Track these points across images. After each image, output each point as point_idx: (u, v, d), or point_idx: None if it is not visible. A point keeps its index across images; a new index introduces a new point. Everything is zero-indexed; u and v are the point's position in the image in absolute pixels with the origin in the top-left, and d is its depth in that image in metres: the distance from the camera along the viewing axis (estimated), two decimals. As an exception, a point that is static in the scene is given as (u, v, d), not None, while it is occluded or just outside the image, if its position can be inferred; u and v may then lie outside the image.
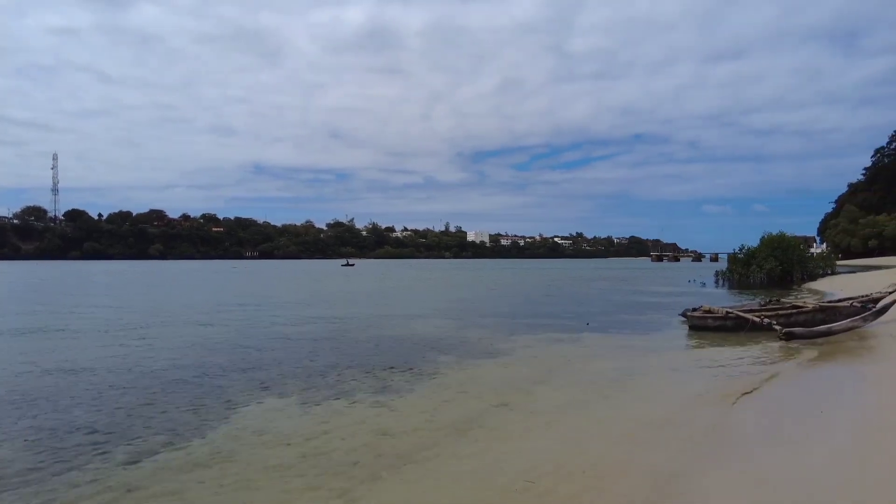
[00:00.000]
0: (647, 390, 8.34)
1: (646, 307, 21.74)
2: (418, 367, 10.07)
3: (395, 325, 16.19)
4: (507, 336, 13.89)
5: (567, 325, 16.21)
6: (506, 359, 10.98)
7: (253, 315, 18.97)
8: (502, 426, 6.63)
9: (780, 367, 9.93)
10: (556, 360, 10.75)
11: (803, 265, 35.61)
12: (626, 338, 13.69)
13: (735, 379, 8.93)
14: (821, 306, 14.61)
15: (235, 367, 10.11)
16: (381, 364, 10.36)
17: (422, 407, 7.49)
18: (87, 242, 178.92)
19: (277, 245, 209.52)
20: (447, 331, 14.89)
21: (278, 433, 6.41)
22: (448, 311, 20.42)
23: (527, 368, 9.98)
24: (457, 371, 9.81)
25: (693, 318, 14.76)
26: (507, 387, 8.60)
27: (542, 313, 19.53)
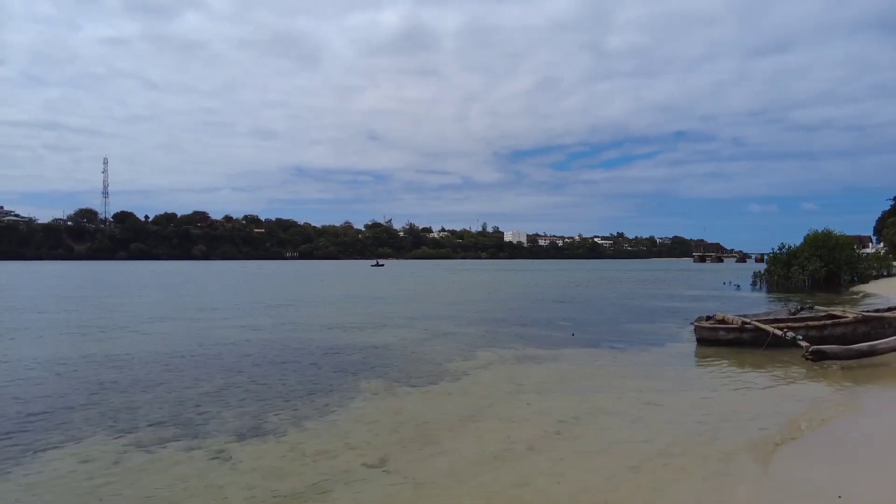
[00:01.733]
0: (606, 443, 6.13)
1: (661, 314, 19.19)
2: (323, 397, 8.09)
3: (355, 334, 14.28)
4: (473, 351, 11.78)
5: (554, 336, 13.96)
6: (446, 385, 8.89)
7: (193, 321, 17.38)
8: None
9: (799, 408, 7.54)
10: (506, 388, 8.59)
11: (853, 266, 31.89)
12: (614, 355, 11.39)
13: (739, 430, 6.56)
14: (864, 316, 11.91)
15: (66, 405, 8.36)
16: (283, 391, 8.43)
17: (268, 463, 5.55)
18: (134, 243, 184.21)
19: (317, 246, 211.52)
20: (409, 343, 12.88)
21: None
22: (434, 317, 18.39)
23: (460, 402, 7.86)
24: (367, 403, 7.79)
25: (702, 330, 12.30)
26: (412, 432, 6.54)
27: (538, 320, 17.29)
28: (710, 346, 11.99)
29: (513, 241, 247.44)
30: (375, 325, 16.03)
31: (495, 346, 12.41)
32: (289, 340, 13.21)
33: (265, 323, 16.65)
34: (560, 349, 12.00)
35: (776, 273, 32.30)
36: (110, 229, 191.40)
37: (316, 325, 16.04)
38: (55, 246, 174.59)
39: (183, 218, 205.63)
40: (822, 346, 9.70)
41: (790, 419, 6.83)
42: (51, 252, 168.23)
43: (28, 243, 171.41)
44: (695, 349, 12.01)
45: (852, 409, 7.44)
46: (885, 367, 9.55)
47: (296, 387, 8.65)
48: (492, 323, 16.61)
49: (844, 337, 11.58)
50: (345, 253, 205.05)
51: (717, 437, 6.11)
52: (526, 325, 16.21)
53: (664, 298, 26.37)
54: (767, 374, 9.48)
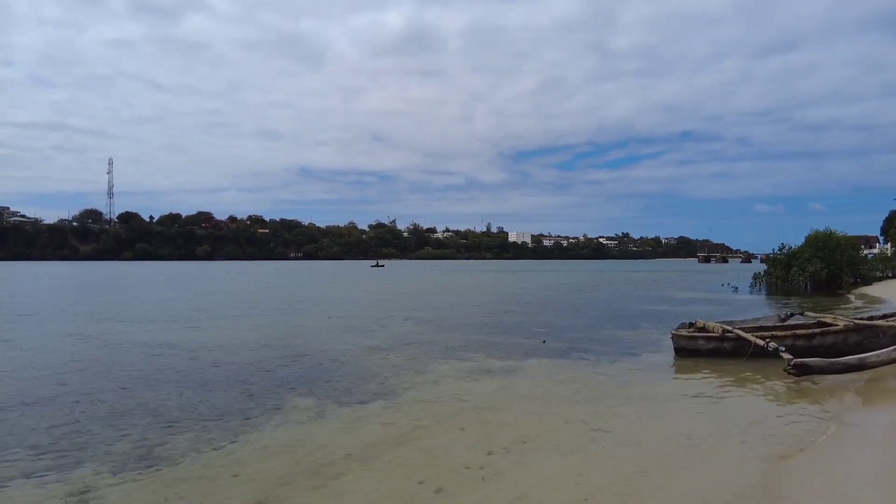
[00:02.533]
0: (529, 486, 5.22)
1: (647, 318, 18.20)
2: (236, 420, 7.20)
3: (307, 343, 13.36)
4: (429, 363, 10.86)
5: (524, 344, 13.01)
6: (381, 404, 7.98)
7: (126, 328, 16.56)
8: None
9: (772, 435, 6.60)
10: (446, 409, 7.66)
11: (855, 268, 30.70)
12: (581, 367, 10.44)
13: (694, 467, 5.66)
14: (856, 324, 10.89)
15: None
16: (196, 412, 7.55)
17: (134, 500, 4.70)
18: (138, 244, 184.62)
19: (321, 246, 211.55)
20: (363, 353, 11.98)
21: None
22: (406, 322, 17.49)
23: (387, 426, 6.94)
24: (281, 427, 6.89)
25: (679, 339, 11.33)
26: (312, 465, 5.65)
27: (515, 325, 16.36)
28: (688, 357, 11.04)
29: (517, 242, 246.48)
30: (336, 332, 15.15)
31: (456, 356, 11.50)
32: (229, 351, 12.32)
33: (211, 331, 15.74)
34: (525, 360, 11.08)
35: (775, 275, 31.17)
36: (115, 230, 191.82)
37: (268, 333, 15.10)
38: (60, 246, 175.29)
39: (187, 218, 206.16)
40: (805, 360, 8.73)
41: (760, 453, 5.89)
42: (56, 253, 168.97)
43: (34, 244, 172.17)
44: (672, 360, 11.06)
45: (835, 434, 6.49)
46: (875, 384, 8.58)
47: (213, 407, 7.77)
48: (464, 329, 15.69)
49: (834, 347, 10.62)
50: (349, 253, 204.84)
51: (667, 476, 5.19)
52: (500, 331, 15.28)
53: (655, 301, 25.34)
54: (745, 391, 8.53)
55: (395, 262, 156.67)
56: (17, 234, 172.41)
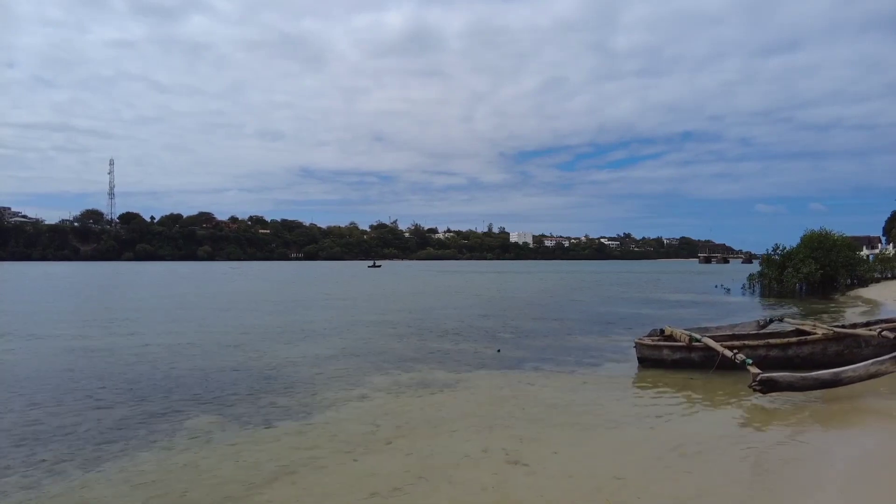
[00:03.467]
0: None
1: (625, 322, 17.19)
2: (128, 440, 6.28)
3: (244, 351, 12.39)
4: (367, 375, 9.89)
5: (479, 353, 12.03)
6: (290, 424, 7.04)
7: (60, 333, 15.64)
8: None
9: (724, 463, 5.64)
10: (353, 435, 6.71)
11: (851, 269, 29.55)
12: (531, 380, 9.45)
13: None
14: (835, 333, 9.88)
15: None
16: (86, 431, 6.63)
17: None
18: (139, 244, 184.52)
19: (322, 246, 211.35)
20: (300, 363, 11.04)
21: None
22: (365, 326, 16.53)
23: (281, 453, 6.02)
24: (171, 451, 5.95)
25: (643, 349, 10.35)
26: (175, 501, 4.76)
27: (479, 331, 15.38)
28: (653, 368, 10.07)
29: (518, 242, 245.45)
30: (288, 338, 14.20)
31: (401, 367, 10.54)
32: (151, 359, 11.38)
33: (150, 336, 14.80)
34: (473, 371, 10.12)
35: (768, 276, 30.07)
36: (116, 230, 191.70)
37: (211, 339, 14.11)
38: (61, 247, 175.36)
39: (188, 219, 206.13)
40: (773, 375, 7.73)
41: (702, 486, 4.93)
42: (57, 253, 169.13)
43: (35, 244, 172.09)
44: (634, 371, 10.09)
45: (796, 462, 5.54)
46: (848, 402, 7.58)
47: (89, 429, 6.83)
48: (427, 335, 14.73)
49: (812, 358, 9.64)
50: (350, 254, 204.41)
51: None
52: (464, 337, 14.29)
53: (641, 304, 24.30)
54: (704, 410, 7.56)
55: (394, 263, 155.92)
56: (18, 234, 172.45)
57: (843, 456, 5.87)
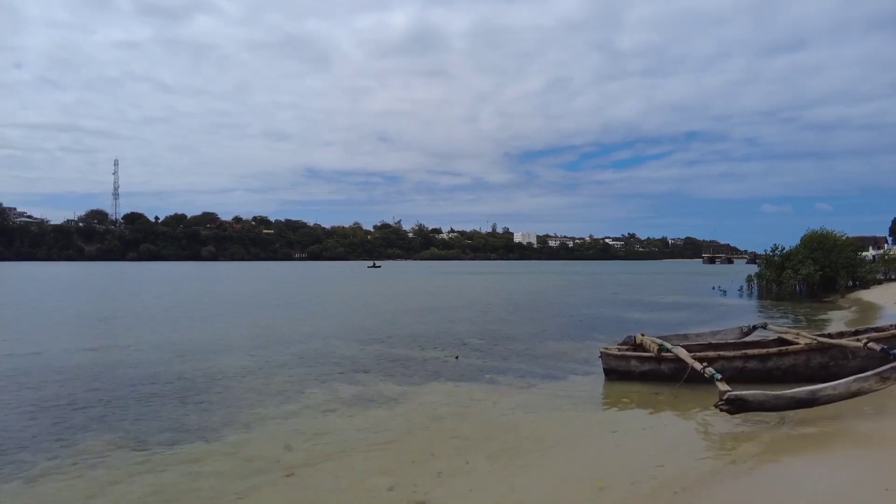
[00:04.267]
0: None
1: (607, 327, 16.27)
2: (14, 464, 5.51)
3: (193, 358, 11.63)
4: (310, 387, 9.08)
5: (435, 361, 11.15)
6: (187, 450, 6.24)
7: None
8: None
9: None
10: (258, 462, 5.92)
11: (852, 270, 28.46)
12: (481, 395, 8.60)
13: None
14: (820, 342, 8.95)
15: None
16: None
17: None
18: (143, 244, 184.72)
19: (325, 247, 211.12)
20: (246, 372, 10.23)
21: None
22: (335, 331, 15.71)
23: (164, 485, 5.25)
24: (41, 481, 5.18)
25: (609, 359, 9.46)
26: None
27: (447, 336, 14.51)
28: (620, 380, 9.20)
29: (522, 243, 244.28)
30: (241, 345, 13.39)
31: (349, 378, 9.71)
32: (85, 367, 10.62)
33: (98, 339, 14.06)
34: (421, 384, 9.27)
35: (766, 277, 29.02)
36: (120, 230, 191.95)
37: (159, 345, 13.25)
38: (66, 247, 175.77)
39: (193, 219, 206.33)
40: (742, 393, 6.83)
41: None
42: (62, 253, 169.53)
43: (39, 244, 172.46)
44: (600, 384, 9.22)
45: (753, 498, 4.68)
46: (828, 424, 6.67)
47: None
48: (390, 341, 13.88)
49: (794, 370, 8.75)
50: (353, 254, 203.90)
51: None
52: (428, 343, 13.43)
53: (631, 306, 23.33)
54: (662, 434, 6.70)
55: (396, 263, 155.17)
56: (23, 234, 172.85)
57: (809, 492, 5.00)
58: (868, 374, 6.91)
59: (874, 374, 6.89)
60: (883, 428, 6.55)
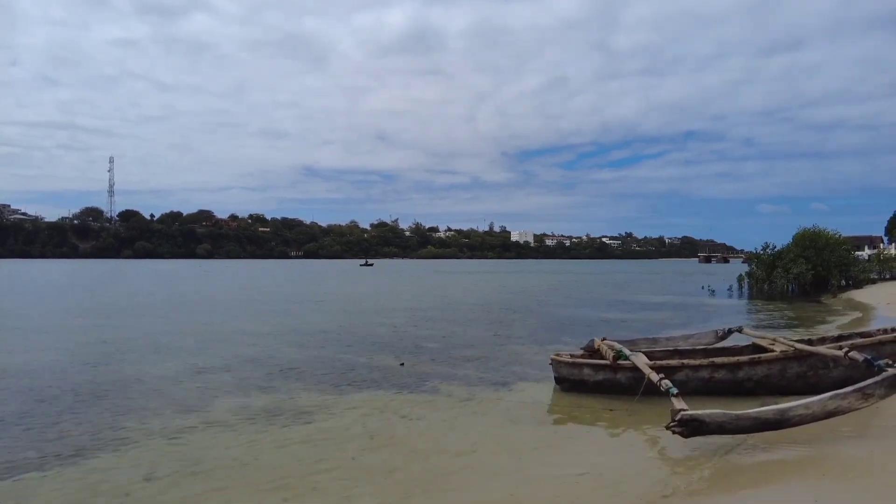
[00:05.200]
0: None
1: (579, 329, 15.15)
2: None
3: (120, 363, 10.57)
4: (221, 397, 8.01)
5: (382, 368, 10.07)
6: (29, 478, 5.20)
7: None
8: None
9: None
10: (90, 500, 4.88)
11: (845, 269, 27.38)
12: (416, 407, 7.54)
13: None
14: (797, 350, 7.87)
15: None
16: None
17: None
18: (138, 242, 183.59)
19: (322, 245, 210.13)
20: (167, 378, 9.17)
21: None
22: (287, 332, 14.65)
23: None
24: None
25: (560, 367, 8.38)
26: None
27: (404, 342, 13.43)
28: (573, 391, 8.14)
29: (519, 241, 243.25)
30: (186, 346, 12.33)
31: (268, 386, 8.65)
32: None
33: (28, 342, 13.00)
34: (349, 394, 8.20)
35: (756, 277, 27.92)
36: (115, 228, 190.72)
37: (90, 349, 12.30)
38: (60, 244, 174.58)
39: (188, 217, 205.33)
40: (698, 414, 5.75)
41: None
42: (56, 250, 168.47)
43: (33, 242, 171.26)
44: (549, 396, 8.17)
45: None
46: (799, 449, 5.60)
47: None
48: (339, 343, 12.82)
49: (768, 381, 7.70)
50: (350, 252, 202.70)
51: None
52: (380, 347, 12.34)
53: (610, 306, 22.18)
54: (603, 461, 5.64)
55: (391, 262, 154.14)
56: (17, 232, 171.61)
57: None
58: (847, 391, 5.84)
59: (854, 390, 5.82)
60: (866, 455, 5.49)
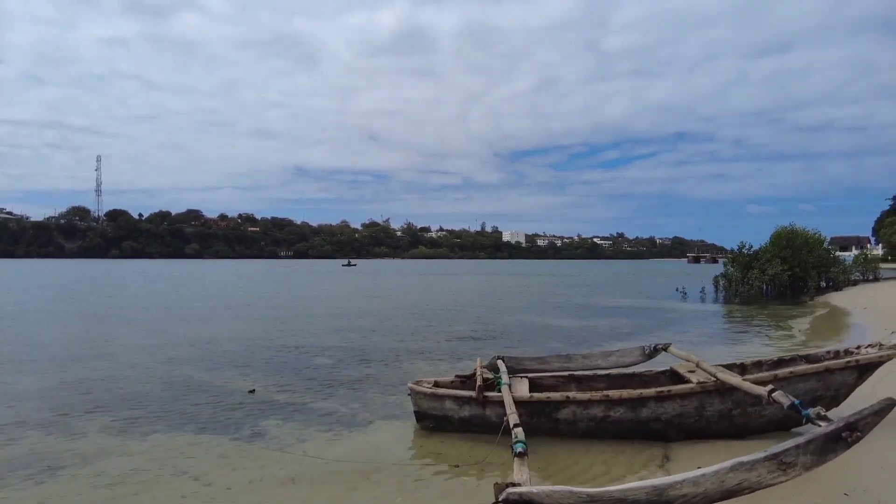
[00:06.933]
0: None
1: (510, 339, 13.32)
2: None
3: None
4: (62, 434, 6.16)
5: (228, 396, 8.23)
6: None
7: None
8: None
9: None
10: None
11: (823, 270, 25.55)
12: (225, 456, 5.70)
13: None
14: (717, 383, 5.89)
15: None
16: None
17: None
18: (125, 242, 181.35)
19: (312, 245, 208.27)
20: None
21: None
22: (190, 343, 12.75)
23: None
24: None
25: (421, 399, 6.51)
26: None
27: (290, 357, 11.61)
28: (438, 430, 6.31)
29: (511, 242, 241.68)
30: (45, 356, 10.42)
31: (60, 423, 6.76)
32: None
33: None
34: (158, 432, 6.31)
35: (732, 278, 26.09)
36: (102, 227, 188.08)
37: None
38: (45, 244, 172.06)
39: (177, 216, 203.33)
40: (533, 491, 3.82)
41: None
42: (41, 250, 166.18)
43: (18, 241, 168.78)
44: (409, 435, 6.34)
45: None
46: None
47: None
48: (203, 364, 10.82)
49: (682, 421, 5.85)
50: (341, 252, 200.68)
51: None
52: (244, 369, 10.35)
53: (563, 312, 20.17)
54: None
55: (376, 262, 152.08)
56: (1, 232, 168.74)
57: None
58: (757, 458, 3.89)
59: (767, 458, 3.86)
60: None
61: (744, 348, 11.30)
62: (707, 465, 3.57)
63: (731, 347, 11.58)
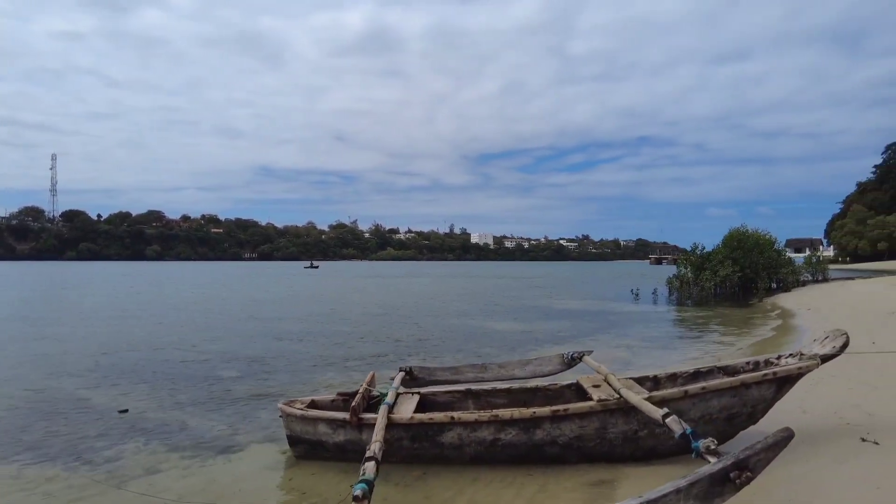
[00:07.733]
0: None
1: (440, 346, 12.61)
2: None
3: None
4: None
5: (96, 417, 7.29)
6: None
7: None
8: None
9: None
10: None
11: (774, 271, 25.59)
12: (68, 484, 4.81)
13: None
14: (620, 401, 4.98)
15: None
16: None
17: None
18: (83, 243, 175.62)
19: (277, 246, 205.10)
20: None
21: None
22: (85, 358, 11.65)
23: None
24: None
25: (293, 422, 5.68)
26: None
27: (188, 369, 10.69)
28: (311, 458, 5.51)
29: (479, 243, 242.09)
30: None
31: None
32: None
33: None
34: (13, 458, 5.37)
35: (684, 279, 25.93)
36: (57, 228, 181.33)
37: None
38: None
39: (138, 217, 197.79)
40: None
41: None
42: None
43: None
44: (280, 463, 5.53)
45: None
46: None
47: None
48: (87, 377, 9.84)
49: (580, 444, 5.16)
50: (306, 254, 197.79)
51: None
52: (133, 379, 9.39)
53: (505, 315, 19.41)
54: None
55: (341, 264, 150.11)
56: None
57: None
58: (662, 494, 3.22)
59: (661, 499, 3.20)
60: None
61: (676, 355, 10.79)
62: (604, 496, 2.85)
63: (667, 353, 11.06)
